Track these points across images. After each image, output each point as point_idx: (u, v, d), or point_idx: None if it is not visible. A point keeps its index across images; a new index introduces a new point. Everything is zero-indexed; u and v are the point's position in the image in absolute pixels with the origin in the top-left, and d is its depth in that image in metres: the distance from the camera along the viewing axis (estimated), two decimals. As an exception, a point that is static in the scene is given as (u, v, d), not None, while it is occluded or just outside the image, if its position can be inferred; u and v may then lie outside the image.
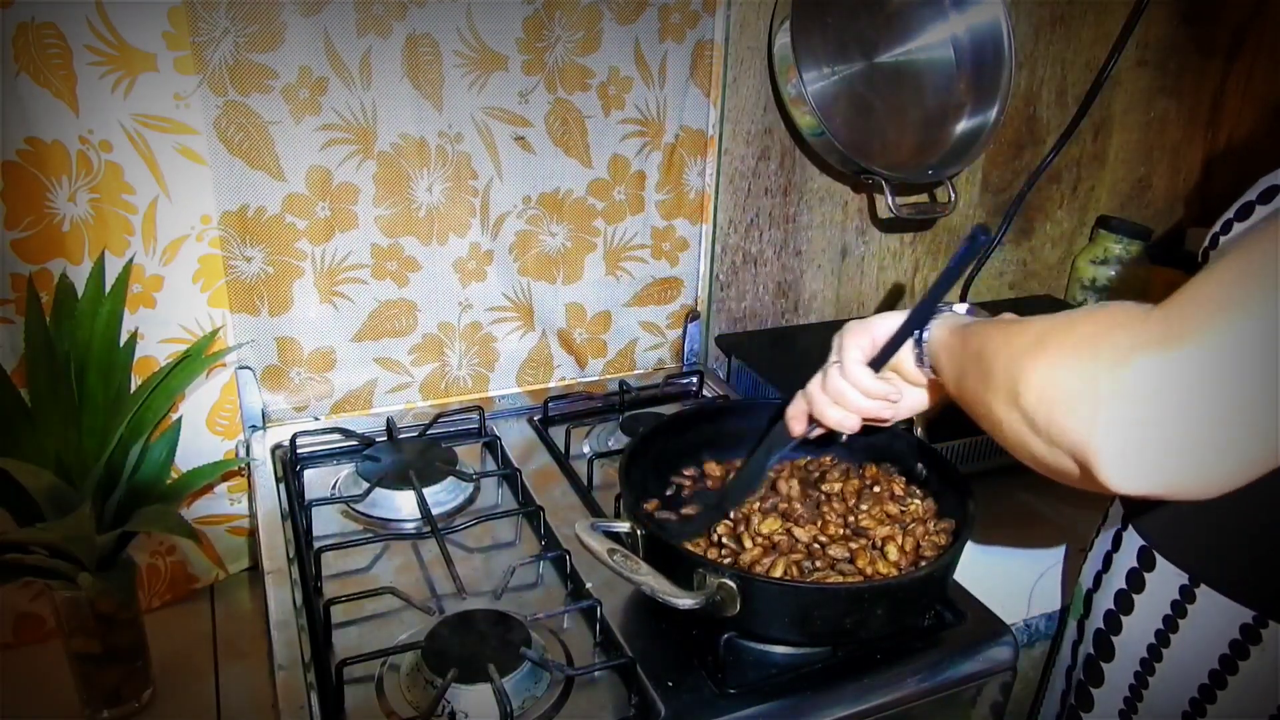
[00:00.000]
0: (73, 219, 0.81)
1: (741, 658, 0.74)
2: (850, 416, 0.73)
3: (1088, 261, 1.47)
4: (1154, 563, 0.70)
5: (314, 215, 0.96)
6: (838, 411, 0.74)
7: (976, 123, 1.23)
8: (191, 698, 0.82)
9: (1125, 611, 0.72)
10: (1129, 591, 0.72)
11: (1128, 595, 0.72)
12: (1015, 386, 0.51)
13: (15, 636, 0.86)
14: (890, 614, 0.69)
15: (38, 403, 0.72)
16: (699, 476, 0.89)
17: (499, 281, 1.09)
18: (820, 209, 1.26)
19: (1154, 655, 0.70)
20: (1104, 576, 0.75)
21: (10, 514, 0.72)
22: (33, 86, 0.76)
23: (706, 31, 1.07)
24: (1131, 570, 0.72)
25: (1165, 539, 0.69)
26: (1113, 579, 0.74)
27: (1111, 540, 0.75)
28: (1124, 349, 0.45)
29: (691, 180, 1.14)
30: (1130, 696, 0.73)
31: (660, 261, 1.17)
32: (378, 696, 0.69)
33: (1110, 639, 0.74)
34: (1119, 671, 0.73)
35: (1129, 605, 0.72)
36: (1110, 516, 0.76)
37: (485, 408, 1.08)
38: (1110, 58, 1.30)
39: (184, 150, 0.86)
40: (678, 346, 1.23)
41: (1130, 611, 0.72)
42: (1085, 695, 0.77)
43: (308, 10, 0.88)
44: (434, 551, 0.85)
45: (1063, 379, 0.48)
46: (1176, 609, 0.68)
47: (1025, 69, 1.32)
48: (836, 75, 1.16)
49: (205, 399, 0.94)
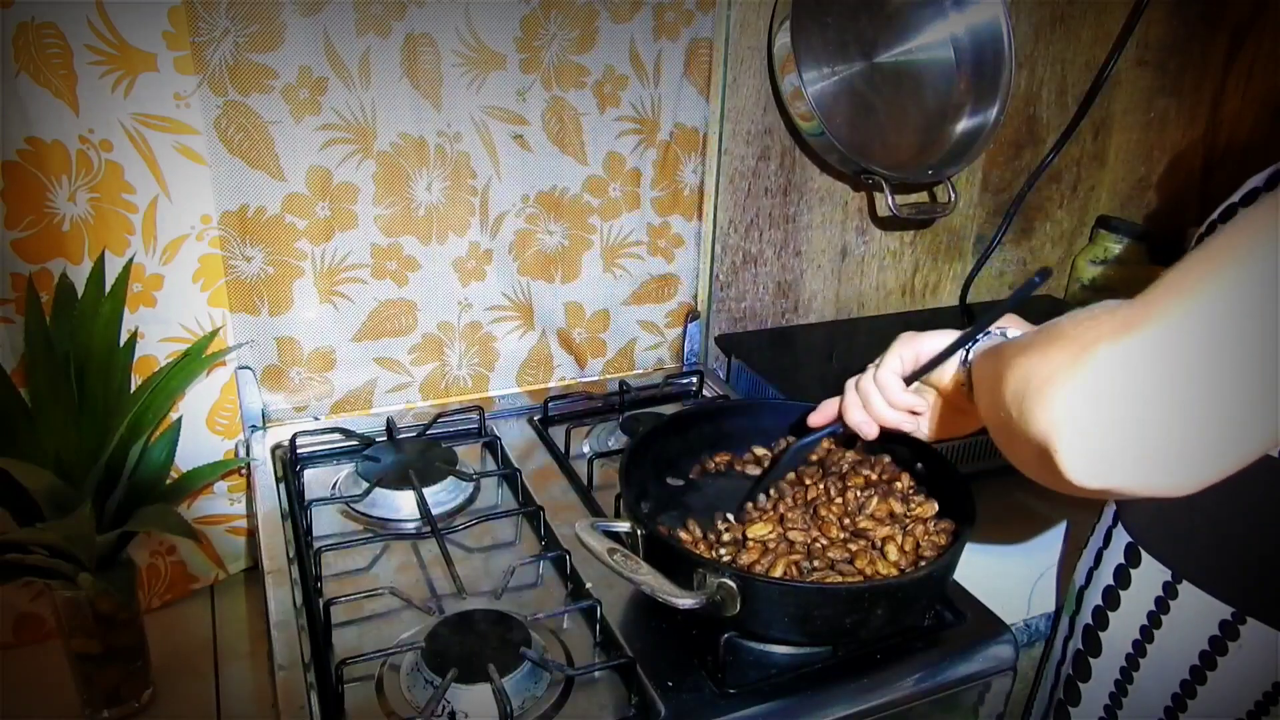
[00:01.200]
0: (73, 219, 0.81)
1: (741, 658, 0.74)
2: (870, 422, 0.74)
3: (1088, 261, 1.47)
4: (1139, 559, 0.70)
5: (314, 215, 0.96)
6: (860, 414, 0.74)
7: (976, 123, 1.23)
8: (191, 698, 0.82)
9: (1112, 608, 0.73)
10: (1116, 588, 0.73)
11: (1115, 591, 0.73)
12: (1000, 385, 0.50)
13: (15, 636, 0.86)
14: (890, 614, 0.70)
15: (38, 403, 0.72)
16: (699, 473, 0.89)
17: (498, 281, 1.09)
18: (820, 209, 1.26)
19: (1139, 651, 0.71)
20: (1094, 573, 0.76)
21: (10, 514, 0.72)
22: (33, 86, 0.76)
23: (701, 29, 1.07)
24: (1119, 566, 0.72)
25: (1151, 535, 0.70)
26: (1102, 575, 0.74)
27: (1103, 537, 0.75)
28: (1088, 339, 0.44)
29: (686, 177, 1.14)
30: (1115, 692, 0.73)
31: (656, 258, 1.17)
32: (378, 696, 0.69)
33: (1098, 634, 0.74)
34: (1105, 667, 0.74)
35: (1116, 601, 0.72)
36: (1104, 514, 0.77)
37: (485, 408, 1.08)
38: (1110, 58, 1.30)
39: (184, 150, 0.86)
40: (677, 346, 1.23)
41: (1117, 608, 0.72)
42: (1073, 690, 0.77)
43: (307, 10, 0.88)
44: (434, 551, 0.85)
45: (1035, 369, 0.47)
46: (1160, 605, 0.69)
47: (1025, 69, 1.32)
48: (836, 75, 1.16)
49: (205, 399, 0.94)
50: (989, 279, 1.46)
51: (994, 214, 1.40)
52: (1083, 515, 1.00)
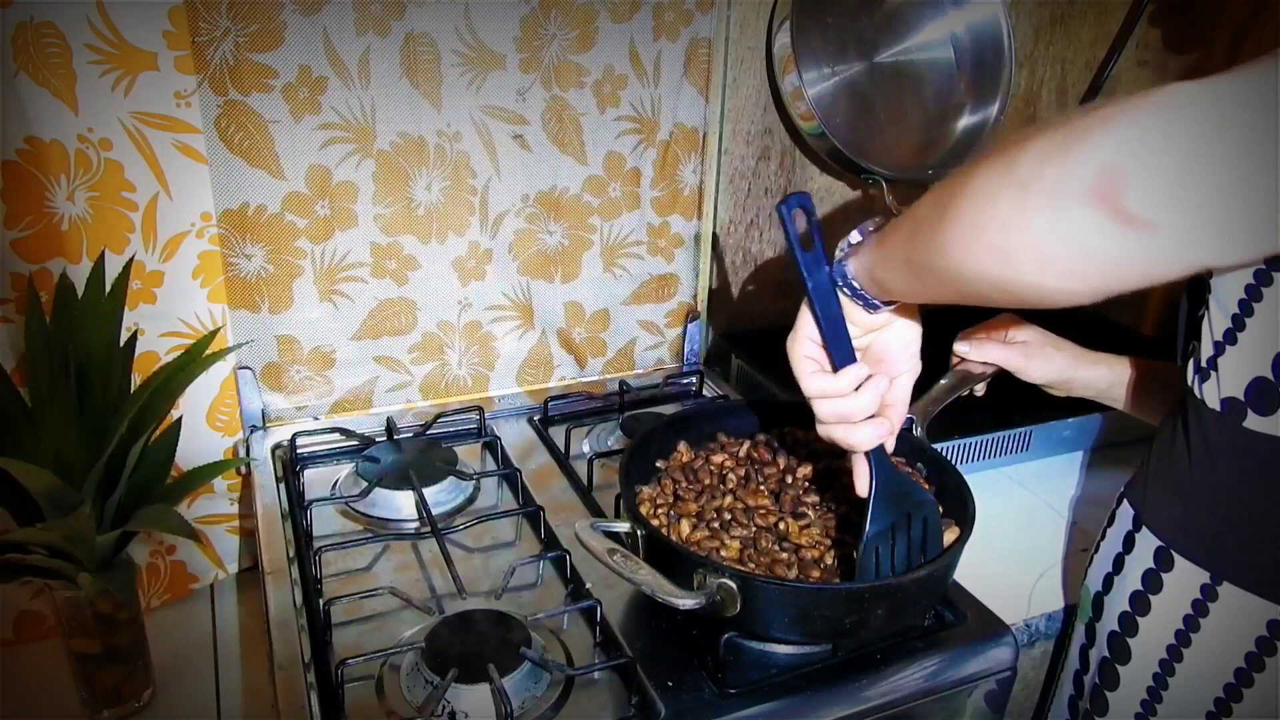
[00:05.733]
0: (72, 218, 0.81)
1: (741, 658, 0.74)
2: (862, 428, 0.64)
3: (1087, 261, 1.47)
4: (1172, 563, 0.69)
5: (313, 214, 0.96)
6: (847, 430, 0.64)
7: (976, 122, 1.23)
8: (191, 698, 0.82)
9: (1141, 613, 0.71)
10: (1145, 593, 0.71)
11: (1144, 597, 0.71)
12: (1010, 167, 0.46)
13: (16, 634, 0.86)
14: (890, 614, 0.69)
15: (38, 403, 0.72)
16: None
17: (498, 280, 1.09)
18: (820, 209, 1.26)
19: (1174, 656, 0.69)
20: (1115, 579, 0.74)
21: (10, 514, 0.72)
22: (32, 86, 0.76)
23: (701, 29, 1.07)
24: (1148, 572, 0.71)
25: (1183, 538, 0.68)
26: (1126, 581, 0.73)
27: (1122, 543, 0.74)
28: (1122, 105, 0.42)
29: (686, 177, 1.14)
30: (1148, 699, 0.72)
31: (656, 258, 1.17)
32: (378, 696, 0.69)
33: (1126, 641, 0.73)
34: (1136, 674, 0.73)
35: (1145, 607, 0.71)
36: (1118, 518, 0.75)
37: (485, 407, 1.08)
38: (1110, 58, 1.30)
39: (184, 148, 0.86)
40: (677, 346, 1.23)
41: (1147, 613, 0.71)
42: (1100, 699, 0.76)
43: (307, 10, 0.88)
44: (434, 551, 0.85)
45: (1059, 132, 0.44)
46: (1198, 608, 0.67)
47: (1025, 69, 1.32)
48: (836, 75, 1.16)
49: (205, 396, 0.94)
50: (989, 279, 1.46)
51: (994, 214, 1.40)
52: (1086, 515, 1.00)
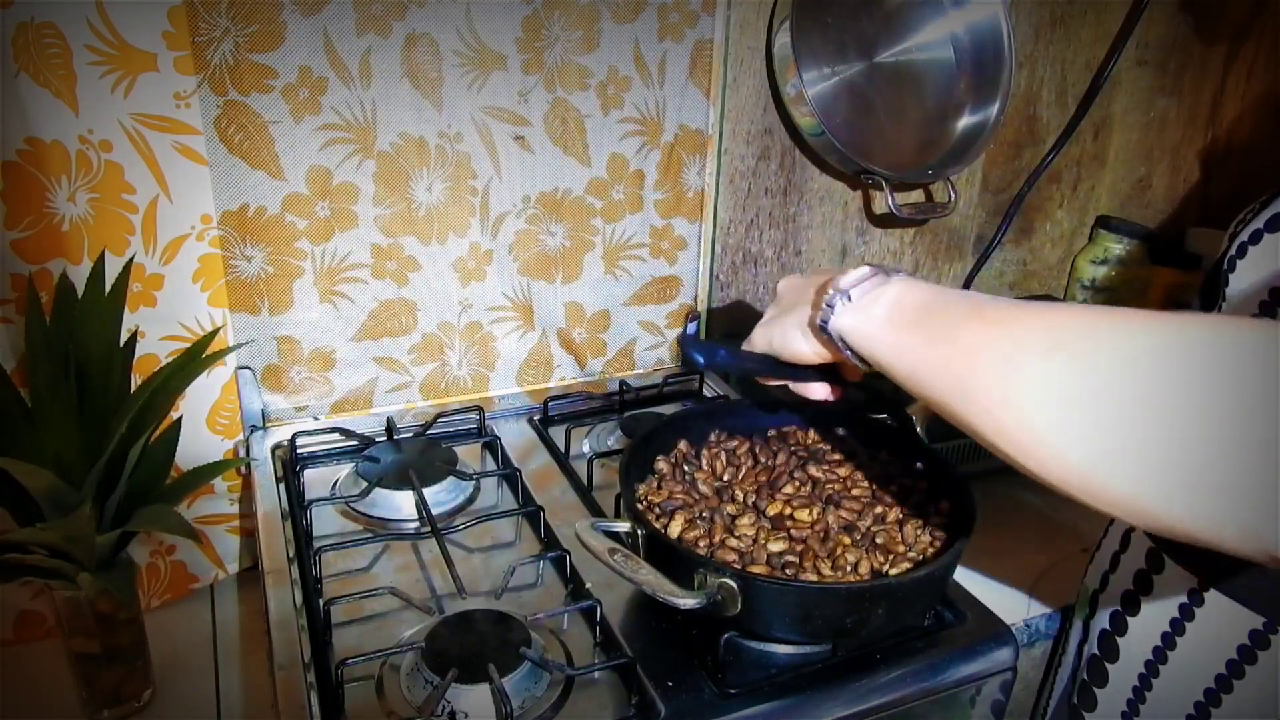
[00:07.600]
0: (72, 219, 0.81)
1: (741, 658, 0.74)
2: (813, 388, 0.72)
3: (1088, 261, 1.47)
4: (1163, 565, 0.69)
5: (314, 215, 0.96)
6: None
7: (976, 122, 1.23)
8: (191, 698, 0.82)
9: (1131, 613, 0.72)
10: (1136, 593, 0.72)
11: (1134, 596, 0.72)
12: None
13: (15, 634, 0.86)
14: (890, 614, 0.69)
15: (38, 403, 0.72)
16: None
17: (498, 281, 1.09)
18: (820, 209, 1.26)
19: (1159, 658, 0.70)
20: (1110, 577, 0.75)
21: (10, 514, 0.72)
22: (32, 86, 0.76)
23: (705, 31, 1.07)
24: (1139, 572, 0.71)
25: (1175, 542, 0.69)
26: (1119, 580, 0.73)
27: (1120, 541, 0.74)
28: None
29: (690, 179, 1.14)
30: (1133, 698, 0.72)
31: (658, 260, 1.17)
32: (378, 696, 0.69)
33: (1115, 639, 0.74)
34: (1123, 672, 0.73)
35: (1135, 607, 0.72)
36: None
37: (485, 408, 1.08)
38: (1110, 58, 1.30)
39: (184, 150, 0.86)
40: (677, 346, 1.23)
41: (1136, 613, 0.71)
42: (1089, 695, 0.77)
43: (307, 10, 0.88)
44: (434, 551, 0.85)
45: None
46: (1184, 612, 0.68)
47: (1025, 69, 1.32)
48: (836, 75, 1.16)
49: (205, 398, 0.94)
50: (989, 279, 1.46)
51: (994, 214, 1.40)
52: (1086, 515, 1.00)
